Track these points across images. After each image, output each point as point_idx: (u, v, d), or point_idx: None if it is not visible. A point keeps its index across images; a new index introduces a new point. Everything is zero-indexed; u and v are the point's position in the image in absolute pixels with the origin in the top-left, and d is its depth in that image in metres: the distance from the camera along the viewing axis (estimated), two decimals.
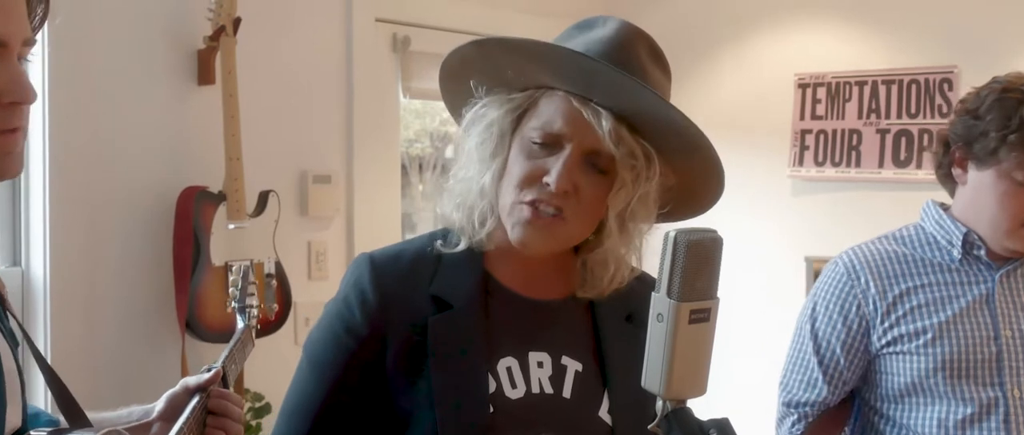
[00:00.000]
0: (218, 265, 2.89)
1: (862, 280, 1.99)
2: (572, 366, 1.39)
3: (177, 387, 1.67)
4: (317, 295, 3.33)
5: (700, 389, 1.01)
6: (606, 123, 1.28)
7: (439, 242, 1.38)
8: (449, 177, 1.42)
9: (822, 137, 3.74)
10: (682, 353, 0.98)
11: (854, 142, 3.68)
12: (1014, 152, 1.84)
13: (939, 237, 2.00)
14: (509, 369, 1.35)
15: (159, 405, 1.63)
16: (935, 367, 1.91)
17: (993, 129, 1.86)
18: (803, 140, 3.78)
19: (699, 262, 0.97)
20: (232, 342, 2.03)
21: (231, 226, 2.93)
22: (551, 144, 1.31)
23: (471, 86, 1.37)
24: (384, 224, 3.55)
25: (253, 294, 2.32)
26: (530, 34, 1.43)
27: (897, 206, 3.64)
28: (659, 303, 0.98)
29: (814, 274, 3.12)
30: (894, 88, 3.59)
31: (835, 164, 3.72)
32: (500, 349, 1.35)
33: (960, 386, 1.91)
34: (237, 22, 2.95)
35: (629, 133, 1.29)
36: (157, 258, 2.91)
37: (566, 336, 1.40)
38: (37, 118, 2.73)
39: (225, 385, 1.73)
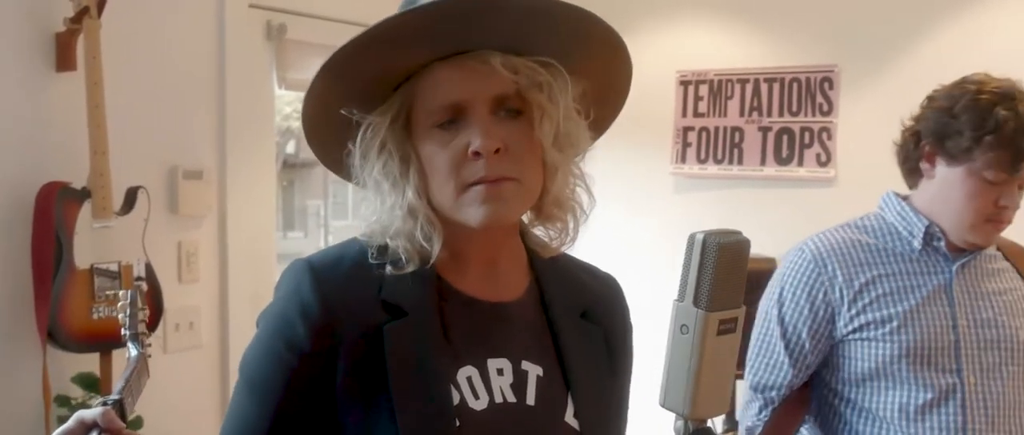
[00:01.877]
0: (82, 268, 2.66)
1: (829, 268, 2.04)
2: (533, 371, 1.28)
3: (70, 422, 1.48)
4: (188, 299, 3.12)
5: (724, 406, 0.92)
6: (493, 59, 1.18)
7: (389, 268, 1.23)
8: (361, 220, 1.27)
9: (704, 134, 3.75)
10: (709, 368, 0.89)
11: (736, 139, 3.69)
12: (990, 152, 1.92)
13: (900, 227, 2.07)
14: (470, 379, 1.23)
15: None
16: (899, 354, 1.97)
17: (968, 129, 1.93)
18: (685, 137, 3.77)
19: (729, 267, 0.89)
20: (128, 372, 1.85)
21: (96, 225, 2.69)
22: (454, 117, 1.19)
23: (339, 134, 1.24)
24: (259, 223, 3.35)
25: (143, 321, 2.13)
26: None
27: (780, 203, 3.69)
28: (684, 313, 0.89)
29: None
30: (776, 86, 3.63)
31: (718, 161, 3.73)
32: (459, 358, 1.23)
33: (921, 373, 1.97)
34: (102, 3, 2.71)
35: (519, 59, 1.19)
36: (13, 261, 2.65)
37: (523, 340, 1.30)
38: None
39: (123, 419, 1.56)
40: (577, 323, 1.34)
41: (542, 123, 1.20)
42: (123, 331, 2.11)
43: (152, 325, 2.81)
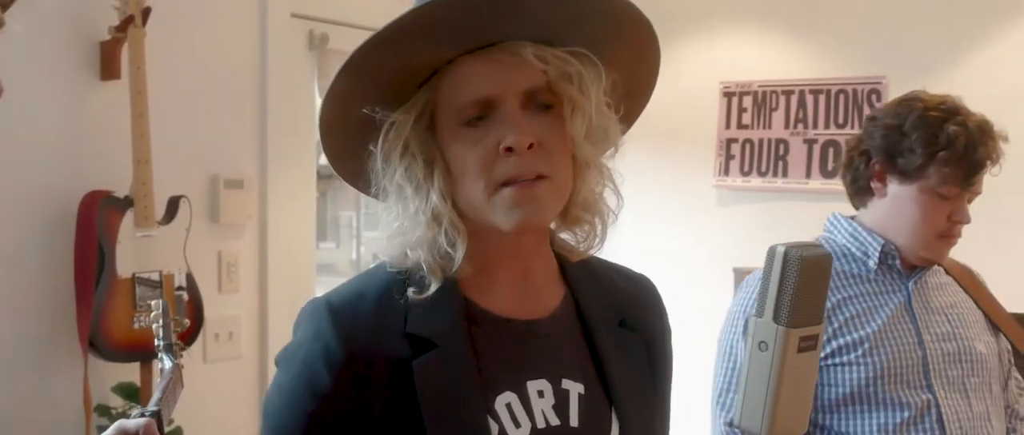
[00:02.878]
0: (125, 277, 2.65)
1: None
2: (574, 389, 1.22)
3: (112, 430, 1.47)
4: (227, 309, 3.11)
5: (803, 426, 0.88)
6: (524, 50, 1.13)
7: (412, 290, 1.18)
8: (383, 227, 1.22)
9: (748, 146, 3.69)
10: (789, 386, 0.85)
11: (781, 152, 3.64)
12: (943, 168, 1.94)
13: (853, 249, 2.07)
14: (509, 405, 1.18)
15: None
16: (875, 375, 1.96)
17: (920, 146, 1.95)
18: (729, 149, 3.72)
19: (812, 282, 0.85)
20: (163, 383, 1.83)
21: (139, 234, 2.68)
22: (483, 113, 1.15)
23: (358, 140, 1.19)
24: (299, 233, 3.34)
25: (177, 331, 2.15)
26: None
27: (824, 217, 3.60)
28: (763, 330, 0.85)
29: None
30: (822, 98, 3.57)
31: (761, 174, 3.68)
32: (496, 384, 1.18)
33: (896, 392, 1.96)
34: (147, 12, 2.71)
35: (549, 49, 1.15)
36: (56, 269, 2.64)
37: (562, 356, 1.23)
38: None
39: (160, 431, 1.54)
40: (615, 332, 1.28)
41: (574, 117, 1.15)
42: (156, 342, 2.09)
43: (192, 335, 2.81)
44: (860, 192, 2.10)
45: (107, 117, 2.74)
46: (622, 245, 4.24)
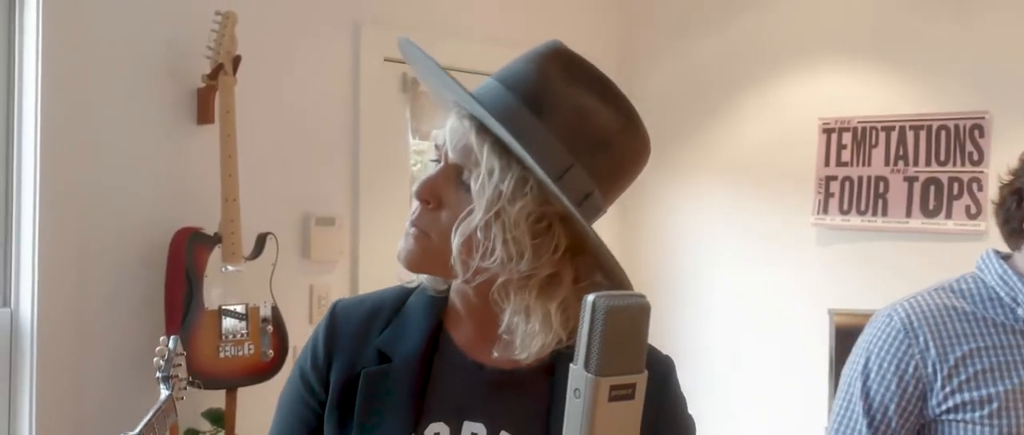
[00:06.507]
0: (211, 309, 2.82)
1: (920, 339, 1.84)
2: None
3: None
4: None
5: None
6: (451, 120, 1.17)
7: (416, 292, 1.29)
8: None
9: (847, 184, 3.59)
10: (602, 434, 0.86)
11: (881, 190, 3.52)
12: None
13: (1002, 293, 1.86)
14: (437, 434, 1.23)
15: None
16: None
17: None
18: (828, 187, 3.63)
19: (621, 332, 0.86)
20: (153, 410, 2.03)
21: (226, 269, 2.85)
22: (437, 159, 1.23)
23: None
24: (390, 267, 3.43)
25: (180, 365, 2.31)
26: None
27: (925, 258, 3.48)
28: (576, 377, 0.87)
29: (836, 327, 2.94)
30: (923, 134, 3.44)
31: (861, 212, 3.56)
32: (431, 413, 1.23)
33: None
34: (237, 60, 2.89)
35: (478, 134, 1.13)
36: (148, 300, 2.84)
37: (512, 409, 1.25)
38: (29, 155, 2.68)
39: None
40: None
41: (468, 213, 1.15)
42: (157, 374, 2.27)
43: (276, 365, 2.95)
44: (1013, 234, 1.89)
45: (202, 159, 2.93)
46: (718, 285, 4.17)
